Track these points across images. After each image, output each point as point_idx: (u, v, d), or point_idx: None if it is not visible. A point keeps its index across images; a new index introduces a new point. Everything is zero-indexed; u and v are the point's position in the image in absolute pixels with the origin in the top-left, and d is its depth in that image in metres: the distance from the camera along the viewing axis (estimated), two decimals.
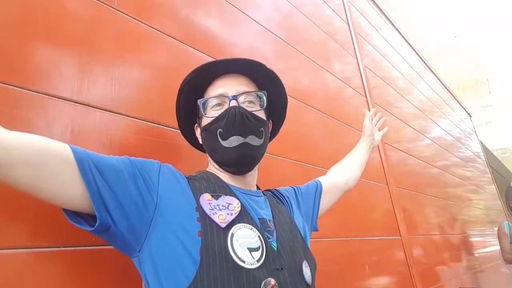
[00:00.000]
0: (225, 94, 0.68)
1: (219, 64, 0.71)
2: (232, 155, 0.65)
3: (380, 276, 1.58)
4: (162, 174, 0.60)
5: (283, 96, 0.78)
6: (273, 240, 0.61)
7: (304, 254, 0.65)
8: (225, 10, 1.26)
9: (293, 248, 0.63)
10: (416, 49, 3.64)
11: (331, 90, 1.79)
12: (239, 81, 0.70)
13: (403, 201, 2.07)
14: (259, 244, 0.56)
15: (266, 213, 0.67)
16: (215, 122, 0.66)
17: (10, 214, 0.57)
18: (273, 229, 0.63)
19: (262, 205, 0.69)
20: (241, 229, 0.56)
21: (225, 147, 0.64)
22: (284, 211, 0.74)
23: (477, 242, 3.35)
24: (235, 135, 0.64)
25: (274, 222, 0.65)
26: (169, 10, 1.03)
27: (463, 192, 3.51)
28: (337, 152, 1.65)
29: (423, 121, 3.09)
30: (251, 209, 0.63)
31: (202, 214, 0.56)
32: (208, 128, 0.67)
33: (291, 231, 0.68)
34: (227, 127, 0.64)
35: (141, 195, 0.54)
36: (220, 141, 0.65)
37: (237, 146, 0.64)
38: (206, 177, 0.66)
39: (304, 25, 1.77)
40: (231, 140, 0.64)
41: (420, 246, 2.11)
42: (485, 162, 5.07)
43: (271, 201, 0.73)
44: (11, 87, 0.62)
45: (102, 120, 0.74)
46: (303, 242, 0.69)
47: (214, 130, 0.65)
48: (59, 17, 0.74)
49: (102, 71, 0.78)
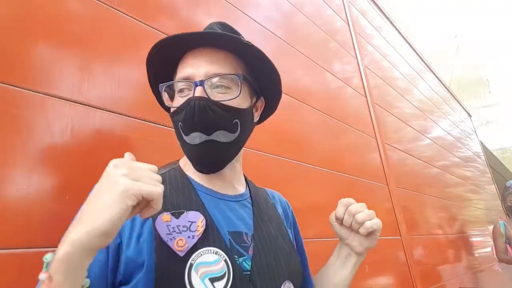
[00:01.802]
0: (191, 77, 0.55)
1: (185, 37, 0.56)
2: (194, 153, 0.56)
3: (380, 276, 1.58)
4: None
5: (272, 72, 0.63)
6: (247, 258, 0.52)
7: (289, 273, 0.56)
8: (225, 10, 1.26)
9: (272, 266, 0.54)
10: (416, 49, 3.64)
11: (331, 90, 1.79)
12: (212, 59, 0.57)
13: (403, 201, 2.07)
14: (224, 270, 0.48)
15: (244, 223, 0.57)
16: (175, 113, 0.57)
17: None
18: (250, 244, 0.54)
19: (241, 213, 0.59)
20: (203, 255, 0.48)
21: (188, 143, 0.55)
22: (274, 217, 0.64)
23: (477, 242, 3.35)
24: (197, 132, 0.54)
25: (253, 235, 0.56)
26: (169, 10, 1.03)
27: (463, 192, 3.51)
28: (337, 152, 1.65)
29: (423, 121, 3.08)
30: (223, 221, 0.54)
31: (159, 243, 0.47)
32: (172, 119, 0.59)
33: (276, 244, 0.58)
34: (186, 122, 0.54)
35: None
36: (182, 135, 0.56)
37: (199, 145, 0.54)
38: (173, 180, 0.57)
39: (304, 25, 1.77)
40: (193, 136, 0.54)
41: (420, 246, 2.11)
42: (485, 162, 5.07)
43: (258, 205, 0.63)
44: (11, 87, 0.62)
45: (102, 120, 0.74)
46: (290, 256, 0.59)
47: (176, 123, 0.57)
48: (59, 17, 0.74)
49: (102, 71, 0.78)
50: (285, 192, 1.23)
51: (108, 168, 0.40)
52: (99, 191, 0.39)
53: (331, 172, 1.52)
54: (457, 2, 6.61)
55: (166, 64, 0.61)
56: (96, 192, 0.40)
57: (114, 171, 0.39)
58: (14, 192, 0.58)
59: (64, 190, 0.64)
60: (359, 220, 0.59)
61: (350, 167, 1.67)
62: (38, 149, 0.63)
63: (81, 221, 0.38)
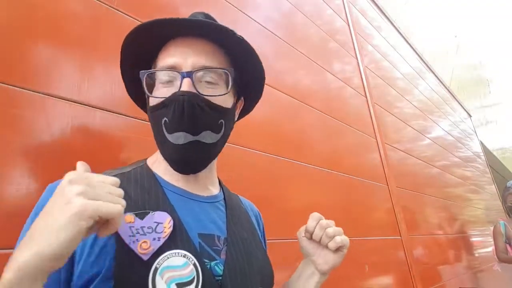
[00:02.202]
0: (177, 67, 0.51)
1: (171, 23, 0.52)
2: (176, 153, 0.51)
3: (380, 276, 1.58)
4: None
5: (258, 70, 0.60)
6: (219, 262, 0.49)
7: (261, 279, 0.54)
8: (225, 10, 1.26)
9: (245, 272, 0.51)
10: (416, 49, 3.64)
11: (331, 90, 1.79)
12: (198, 49, 0.53)
13: (403, 201, 2.07)
14: (193, 275, 0.44)
15: (216, 226, 0.53)
16: (160, 107, 0.51)
17: None
18: (222, 247, 0.51)
19: (213, 215, 0.55)
20: (170, 258, 0.43)
21: (170, 142, 0.51)
22: (247, 222, 0.61)
23: (477, 242, 3.35)
24: (182, 131, 0.50)
25: (226, 238, 0.52)
26: (169, 10, 1.03)
27: (463, 192, 3.51)
28: (337, 152, 1.65)
29: (423, 121, 3.09)
30: (193, 223, 0.50)
31: (120, 245, 0.42)
32: (152, 112, 0.52)
33: (249, 249, 0.55)
34: (173, 120, 0.49)
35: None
36: (164, 132, 0.51)
37: (184, 145, 0.50)
38: (139, 179, 0.52)
39: (304, 25, 1.77)
40: (177, 136, 0.50)
41: (420, 246, 2.11)
42: (485, 162, 5.07)
43: (232, 208, 0.60)
44: (11, 87, 0.62)
45: (102, 120, 0.74)
46: (263, 263, 0.57)
47: (159, 118, 0.51)
48: (59, 17, 0.74)
49: (102, 71, 0.78)
50: (285, 192, 1.23)
51: (62, 184, 0.35)
52: (51, 209, 0.35)
53: (331, 172, 1.52)
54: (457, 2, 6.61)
55: (144, 51, 0.55)
56: (48, 210, 0.35)
57: (69, 187, 0.35)
58: (14, 192, 0.58)
59: None
60: (330, 233, 0.58)
61: (350, 167, 1.67)
62: (38, 149, 0.63)
63: (30, 243, 0.33)
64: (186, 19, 0.52)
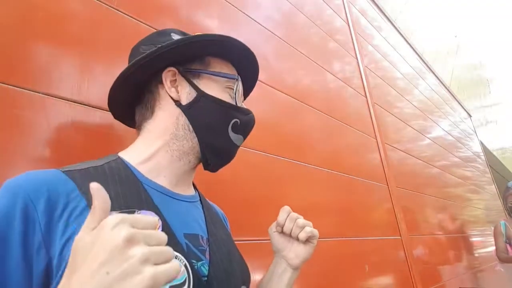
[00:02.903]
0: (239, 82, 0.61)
1: (244, 53, 0.62)
2: (231, 151, 0.59)
3: (380, 276, 1.58)
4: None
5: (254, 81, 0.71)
6: (204, 262, 0.49)
7: (242, 278, 0.55)
8: (225, 9, 1.26)
9: (229, 272, 0.52)
10: (416, 49, 3.64)
11: (331, 90, 1.79)
12: None
13: (403, 201, 2.07)
14: (184, 276, 0.43)
15: (199, 226, 0.53)
16: (236, 108, 0.57)
17: None
18: (206, 248, 0.51)
19: (195, 215, 0.55)
20: None
21: (230, 139, 0.57)
22: (220, 223, 0.62)
23: (477, 242, 3.36)
24: (243, 137, 0.60)
25: (208, 238, 0.53)
26: (169, 10, 1.03)
27: (463, 192, 3.51)
28: (337, 152, 1.65)
29: (423, 121, 3.09)
30: (177, 223, 0.49)
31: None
32: (224, 105, 0.56)
33: (229, 250, 0.56)
34: (245, 125, 0.59)
35: None
36: (229, 129, 0.56)
37: (238, 147, 0.60)
38: (115, 173, 0.48)
39: (304, 25, 1.77)
40: (239, 138, 0.59)
41: (420, 246, 2.11)
42: (485, 162, 5.07)
43: (208, 208, 0.60)
44: (11, 87, 0.62)
45: (102, 120, 0.74)
46: (241, 262, 0.58)
47: (231, 116, 0.56)
48: (59, 17, 0.74)
49: (102, 71, 0.78)
50: (285, 192, 1.23)
51: (117, 241, 0.28)
52: (109, 272, 0.27)
53: (331, 172, 1.52)
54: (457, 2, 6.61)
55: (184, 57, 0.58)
56: (104, 273, 0.27)
57: (131, 251, 0.28)
58: None
59: None
60: (300, 224, 0.61)
61: (350, 167, 1.67)
62: (38, 149, 0.63)
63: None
64: (245, 47, 0.61)
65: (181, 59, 0.57)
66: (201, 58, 0.58)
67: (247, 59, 0.63)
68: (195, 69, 0.57)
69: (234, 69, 0.62)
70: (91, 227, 0.30)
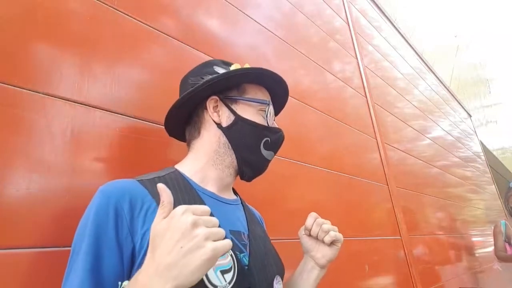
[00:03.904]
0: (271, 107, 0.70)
1: (274, 79, 0.72)
2: (263, 164, 0.69)
3: (380, 276, 1.58)
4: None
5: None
6: (245, 254, 0.59)
7: (277, 269, 0.65)
8: (226, 9, 1.26)
9: (265, 264, 0.62)
10: (416, 49, 3.64)
11: (331, 90, 1.79)
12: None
13: (403, 201, 2.07)
14: (231, 264, 0.54)
15: (241, 224, 0.65)
16: (267, 129, 0.67)
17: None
18: (247, 242, 0.62)
19: (238, 215, 0.66)
20: None
21: (262, 155, 0.67)
22: (258, 223, 0.73)
23: (477, 242, 3.36)
24: (274, 152, 0.69)
25: (249, 235, 0.63)
26: (170, 10, 1.03)
27: (463, 192, 3.51)
28: (337, 152, 1.65)
29: (423, 121, 3.09)
30: (224, 221, 0.59)
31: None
32: (256, 126, 0.66)
33: (265, 245, 0.66)
34: (275, 143, 0.68)
35: None
36: (261, 147, 0.66)
37: (269, 161, 0.69)
38: (175, 183, 0.60)
39: (304, 25, 1.77)
40: (270, 153, 0.68)
41: (420, 246, 2.11)
42: (485, 162, 5.07)
43: (248, 211, 0.71)
44: (11, 87, 0.62)
45: (102, 120, 0.74)
46: (277, 257, 0.69)
47: (262, 135, 0.66)
48: (59, 17, 0.74)
49: (102, 71, 0.78)
50: (284, 192, 1.23)
51: (185, 224, 0.40)
52: (182, 246, 0.39)
53: (331, 172, 1.52)
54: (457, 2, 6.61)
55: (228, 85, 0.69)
56: (179, 248, 0.39)
57: (196, 231, 0.40)
58: (14, 192, 0.58)
59: (63, 190, 0.64)
60: (325, 229, 0.69)
61: (350, 167, 1.67)
62: (38, 149, 0.63)
63: (168, 276, 0.39)
64: (275, 76, 0.71)
65: (222, 88, 0.68)
66: (238, 86, 0.69)
67: (278, 85, 0.73)
68: (233, 96, 0.67)
69: (267, 92, 0.72)
70: (162, 216, 0.42)
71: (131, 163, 0.76)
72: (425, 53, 4.00)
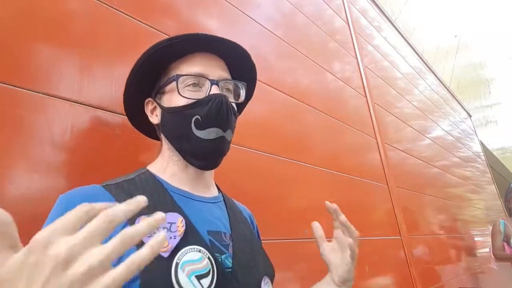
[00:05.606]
0: (205, 75, 0.58)
1: (202, 38, 0.61)
2: (206, 147, 0.57)
3: (380, 276, 1.58)
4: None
5: (251, 91, 0.73)
6: (228, 255, 0.54)
7: (265, 269, 0.60)
8: (226, 10, 1.26)
9: (251, 265, 0.57)
10: (416, 49, 3.64)
11: (331, 90, 1.79)
12: (219, 65, 0.62)
13: (403, 201, 2.07)
14: (208, 268, 0.48)
15: (222, 223, 0.58)
16: (192, 106, 0.56)
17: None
18: (229, 242, 0.56)
19: (218, 214, 0.60)
20: (188, 254, 0.48)
21: (199, 138, 0.56)
22: (243, 222, 0.66)
23: (477, 242, 3.36)
24: (215, 127, 0.56)
25: (231, 235, 0.58)
26: (170, 10, 1.03)
27: (463, 192, 3.51)
28: (337, 152, 1.65)
29: (423, 121, 3.09)
30: (201, 221, 0.54)
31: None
32: (179, 111, 0.57)
33: (252, 245, 0.61)
34: (208, 117, 0.55)
35: None
36: (193, 129, 0.56)
37: (216, 139, 0.57)
38: (145, 184, 0.55)
39: (304, 25, 1.77)
40: (209, 131, 0.56)
41: (420, 246, 2.11)
42: (485, 162, 5.07)
43: (231, 208, 0.65)
44: (11, 87, 0.62)
45: (102, 120, 0.74)
46: (264, 257, 0.63)
47: (189, 116, 0.56)
48: (59, 17, 0.74)
49: (102, 71, 0.78)
50: (284, 192, 1.23)
51: (50, 259, 0.26)
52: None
53: (331, 172, 1.52)
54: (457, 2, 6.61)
55: (161, 62, 0.61)
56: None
57: (69, 271, 0.26)
58: (14, 191, 0.58)
59: (64, 190, 0.64)
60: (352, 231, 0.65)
61: (350, 167, 1.67)
62: (38, 149, 0.63)
63: None
64: (213, 36, 0.61)
65: (150, 88, 0.63)
66: (165, 71, 0.62)
67: (201, 46, 0.62)
68: (162, 87, 0.61)
69: (209, 61, 0.61)
70: (11, 249, 0.30)
71: (131, 163, 0.76)
72: (425, 53, 4.00)
